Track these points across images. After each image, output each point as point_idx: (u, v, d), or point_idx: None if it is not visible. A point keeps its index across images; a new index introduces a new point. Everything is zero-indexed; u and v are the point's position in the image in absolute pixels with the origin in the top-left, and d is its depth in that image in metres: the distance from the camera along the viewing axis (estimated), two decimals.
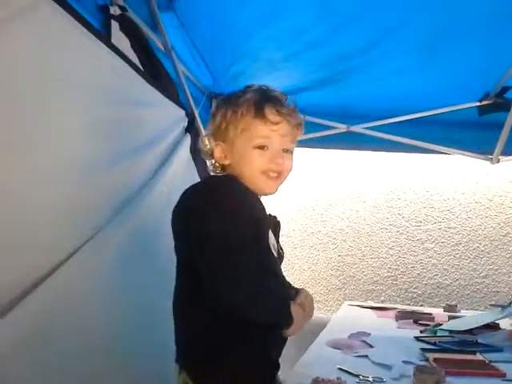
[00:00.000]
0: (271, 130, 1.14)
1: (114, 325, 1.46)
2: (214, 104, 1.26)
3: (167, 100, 2.04)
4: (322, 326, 1.92)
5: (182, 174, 1.98)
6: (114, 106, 1.66)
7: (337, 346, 1.58)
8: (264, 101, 1.15)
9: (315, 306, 1.26)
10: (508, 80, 2.38)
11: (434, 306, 2.92)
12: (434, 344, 1.62)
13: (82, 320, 1.33)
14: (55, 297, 1.26)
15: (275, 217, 1.23)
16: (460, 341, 1.64)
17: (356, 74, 2.36)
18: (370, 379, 1.28)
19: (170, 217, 1.16)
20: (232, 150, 1.17)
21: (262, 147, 1.14)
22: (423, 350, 1.54)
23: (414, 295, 3.06)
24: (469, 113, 2.64)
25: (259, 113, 1.14)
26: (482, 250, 2.98)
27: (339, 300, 3.11)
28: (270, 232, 1.14)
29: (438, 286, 3.03)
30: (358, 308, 2.47)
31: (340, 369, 1.36)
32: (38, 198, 1.27)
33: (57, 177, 1.35)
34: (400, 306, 2.59)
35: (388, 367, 1.37)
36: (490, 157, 2.69)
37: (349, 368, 1.35)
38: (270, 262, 1.11)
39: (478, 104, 2.62)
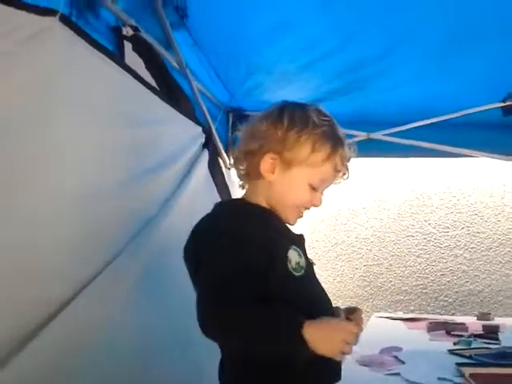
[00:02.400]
0: (331, 176, 1.13)
1: (128, 361, 1.40)
2: (281, 109, 1.16)
3: (183, 117, 2.03)
4: None
5: (201, 192, 1.96)
6: (130, 127, 1.65)
7: (367, 363, 1.53)
8: (338, 144, 1.11)
9: None
10: None
11: (466, 314, 2.83)
12: (470, 357, 1.54)
13: (91, 356, 1.27)
14: (64, 335, 1.20)
15: (298, 234, 1.19)
16: (497, 353, 1.57)
17: (373, 81, 2.32)
18: None
19: None
20: (285, 172, 1.10)
21: (314, 188, 1.12)
22: (458, 364, 1.47)
23: (445, 304, 2.97)
24: (493, 114, 2.56)
25: (332, 155, 1.09)
26: None
27: (367, 311, 3.03)
28: (292, 251, 1.10)
29: (469, 293, 2.94)
30: (387, 320, 2.40)
31: None
32: (50, 227, 1.23)
33: (71, 204, 1.31)
34: (431, 316, 2.51)
35: None
36: None
37: None
38: (280, 288, 1.06)
39: (502, 104, 2.55)
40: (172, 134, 1.94)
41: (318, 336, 0.95)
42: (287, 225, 1.16)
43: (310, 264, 1.16)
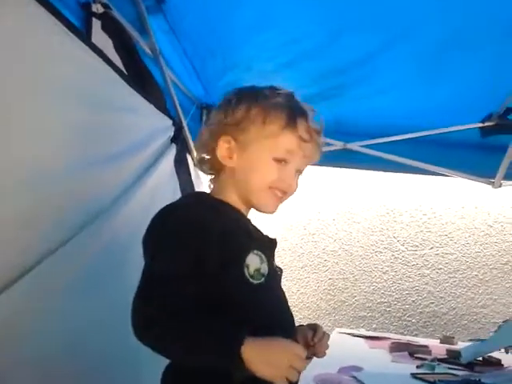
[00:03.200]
0: (298, 147, 1.02)
1: (76, 345, 1.33)
2: (232, 93, 1.07)
3: (152, 107, 1.92)
4: None
5: (163, 186, 1.85)
6: (91, 108, 1.53)
7: (324, 382, 1.42)
8: (297, 112, 1.02)
9: None
10: None
11: (429, 336, 2.78)
12: (434, 383, 1.46)
13: (39, 338, 1.21)
14: (12, 312, 1.15)
15: (267, 236, 1.08)
16: (462, 380, 1.49)
17: (353, 88, 2.25)
18: None
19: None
20: (243, 153, 1.02)
21: (281, 161, 1.02)
22: None
23: (408, 324, 2.91)
24: (471, 134, 2.54)
25: (291, 124, 1.00)
26: (481, 279, 2.85)
27: (329, 326, 2.95)
28: (253, 255, 0.99)
29: (433, 315, 2.88)
30: (348, 336, 2.31)
31: None
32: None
33: (25, 180, 1.23)
34: (394, 336, 2.44)
35: None
36: (492, 181, 2.58)
37: None
38: (233, 295, 0.95)
39: (481, 125, 2.52)
40: (138, 122, 1.83)
41: (259, 357, 0.84)
42: (257, 227, 1.06)
43: (274, 271, 1.05)
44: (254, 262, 1.01)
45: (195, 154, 2.31)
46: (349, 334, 2.38)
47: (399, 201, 2.98)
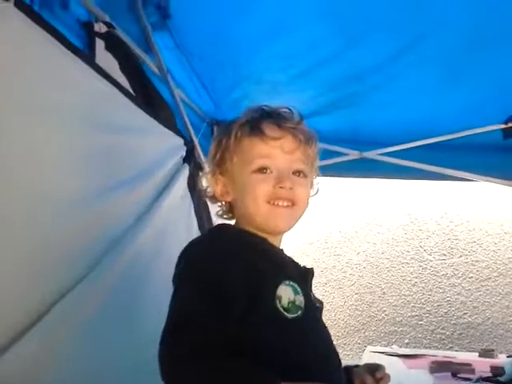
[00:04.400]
0: (271, 147, 0.94)
1: None
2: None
3: (162, 127, 1.84)
4: None
5: (177, 209, 1.76)
6: (99, 133, 1.46)
7: None
8: (262, 117, 0.97)
9: None
10: None
11: (464, 348, 2.65)
12: None
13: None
14: (22, 362, 1.05)
15: (302, 266, 1.00)
16: None
17: (370, 95, 2.16)
18: None
19: (163, 258, 0.95)
20: (232, 182, 0.97)
21: (262, 170, 0.93)
22: None
23: (442, 336, 2.77)
24: (493, 136, 2.42)
25: (256, 130, 0.94)
26: None
27: (359, 343, 2.82)
28: (284, 286, 0.89)
29: (468, 326, 2.74)
30: (383, 356, 2.19)
31: None
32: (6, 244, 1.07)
33: (32, 214, 1.15)
34: (430, 352, 2.31)
35: None
36: None
37: None
38: (265, 334, 0.84)
39: (503, 126, 2.41)
40: (149, 144, 1.74)
41: None
42: (290, 257, 0.99)
43: (312, 304, 0.95)
44: (286, 293, 0.90)
45: None
46: (382, 352, 2.25)
47: (424, 208, 2.86)
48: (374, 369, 0.95)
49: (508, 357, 2.18)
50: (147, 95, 1.80)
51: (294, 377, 0.78)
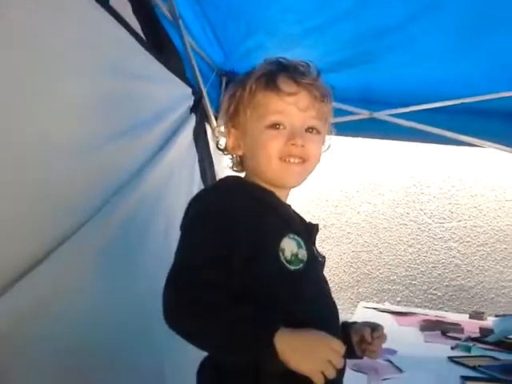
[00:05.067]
0: (287, 103, 0.92)
1: (98, 323, 1.28)
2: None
3: (171, 75, 1.82)
4: None
5: (182, 159, 1.77)
6: (109, 76, 1.45)
7: (362, 369, 1.35)
8: (278, 70, 0.95)
9: None
10: None
11: (455, 310, 2.71)
12: (474, 369, 1.39)
13: (64, 319, 1.17)
14: (33, 296, 1.11)
15: (307, 221, 1.01)
16: (504, 365, 1.41)
17: (385, 54, 2.11)
18: None
19: (165, 205, 0.98)
20: (244, 136, 0.97)
21: (276, 126, 0.93)
22: (464, 378, 1.31)
23: (434, 297, 2.83)
24: (503, 103, 2.39)
25: (271, 84, 0.93)
26: (510, 252, 2.75)
27: (351, 299, 2.89)
28: (288, 239, 0.91)
29: (460, 289, 2.81)
30: (375, 312, 2.25)
31: None
32: (14, 185, 1.08)
33: (43, 158, 1.17)
34: (421, 311, 2.37)
35: None
36: None
37: None
38: (267, 282, 0.87)
39: None
40: (157, 91, 1.73)
41: (294, 347, 0.77)
42: (296, 212, 1.00)
43: (315, 259, 0.97)
44: (289, 246, 0.92)
45: (215, 124, 2.21)
46: (375, 308, 2.32)
47: (427, 172, 2.86)
48: (373, 327, 0.99)
49: (496, 316, 2.24)
50: (158, 41, 1.77)
51: (291, 325, 0.80)
